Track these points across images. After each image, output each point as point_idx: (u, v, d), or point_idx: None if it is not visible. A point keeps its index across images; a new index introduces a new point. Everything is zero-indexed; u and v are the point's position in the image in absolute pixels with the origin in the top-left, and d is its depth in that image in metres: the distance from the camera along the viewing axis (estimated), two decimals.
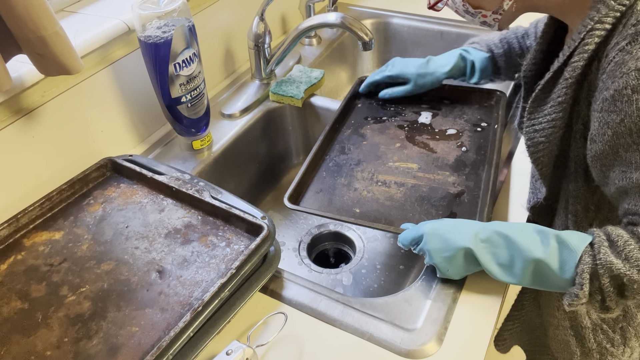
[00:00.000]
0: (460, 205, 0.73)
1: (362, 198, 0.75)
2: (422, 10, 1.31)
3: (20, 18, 0.59)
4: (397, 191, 0.76)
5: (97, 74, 0.79)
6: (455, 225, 0.61)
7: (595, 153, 0.56)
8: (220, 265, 0.61)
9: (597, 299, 0.53)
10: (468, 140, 0.85)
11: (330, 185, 0.78)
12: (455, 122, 0.89)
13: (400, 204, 0.74)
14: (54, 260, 0.63)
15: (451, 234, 0.60)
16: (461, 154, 0.82)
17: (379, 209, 0.73)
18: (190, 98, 0.80)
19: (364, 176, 0.79)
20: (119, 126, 0.86)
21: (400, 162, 0.81)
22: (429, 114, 0.92)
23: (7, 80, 0.63)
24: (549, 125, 0.61)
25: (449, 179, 0.77)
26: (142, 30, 0.73)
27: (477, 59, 0.88)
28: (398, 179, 0.78)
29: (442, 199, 0.74)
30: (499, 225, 0.59)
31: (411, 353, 0.57)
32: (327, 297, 0.64)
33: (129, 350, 0.53)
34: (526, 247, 0.55)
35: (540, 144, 0.63)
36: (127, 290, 0.59)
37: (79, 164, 0.79)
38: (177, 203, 0.70)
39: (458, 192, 0.75)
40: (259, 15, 0.96)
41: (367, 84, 0.96)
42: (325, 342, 0.59)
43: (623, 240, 0.52)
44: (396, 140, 0.86)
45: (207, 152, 0.89)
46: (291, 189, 0.74)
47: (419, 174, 0.79)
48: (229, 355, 0.54)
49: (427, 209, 0.73)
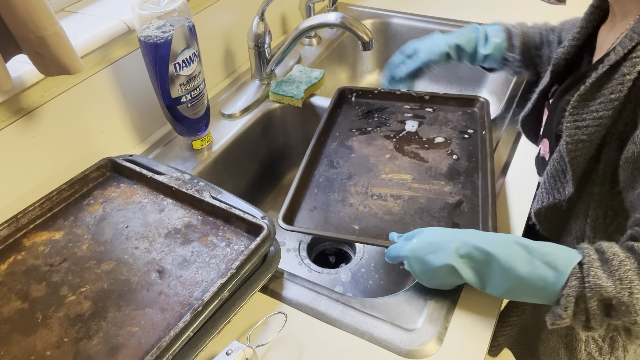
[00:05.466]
0: (461, 215, 0.71)
1: (359, 214, 0.73)
2: (422, 10, 1.31)
3: (20, 18, 0.59)
4: (394, 204, 0.74)
5: (97, 74, 0.79)
6: (434, 243, 0.58)
7: (632, 155, 0.53)
8: (220, 265, 0.61)
9: (581, 319, 0.51)
10: (457, 148, 0.84)
11: (323, 202, 0.75)
12: (441, 130, 0.88)
13: (400, 217, 0.72)
14: (54, 260, 0.63)
15: (430, 255, 0.58)
16: (453, 162, 0.81)
17: (378, 224, 0.71)
18: (190, 98, 0.80)
19: (358, 190, 0.76)
20: (119, 126, 0.86)
21: (393, 173, 0.79)
22: (414, 122, 0.90)
23: (7, 80, 0.63)
24: (594, 123, 0.57)
25: (445, 188, 0.76)
26: (142, 30, 0.73)
27: (490, 30, 0.85)
28: (393, 191, 0.76)
29: (442, 210, 0.72)
30: (480, 239, 0.56)
31: (411, 353, 0.57)
32: (327, 297, 0.64)
33: (129, 350, 0.53)
34: (508, 264, 0.53)
35: (580, 142, 0.59)
36: (127, 290, 0.59)
37: (79, 164, 0.79)
38: (177, 203, 0.70)
39: (457, 201, 0.74)
40: (258, 15, 0.96)
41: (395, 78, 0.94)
42: (325, 342, 0.59)
43: (618, 259, 0.49)
44: (385, 151, 0.84)
45: (207, 152, 0.89)
46: (284, 209, 0.71)
47: (414, 185, 0.77)
48: (229, 355, 0.54)
49: (428, 221, 0.71)
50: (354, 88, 0.97)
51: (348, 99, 0.97)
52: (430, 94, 0.94)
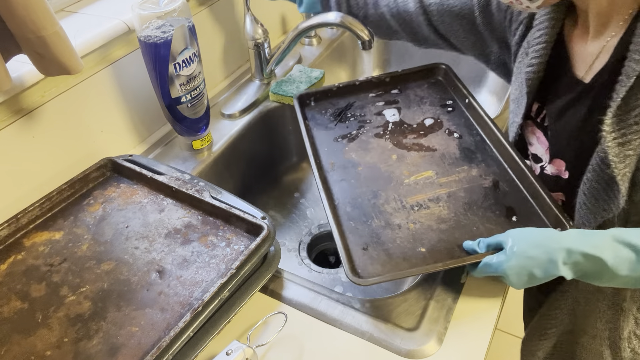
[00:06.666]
0: (507, 197, 0.68)
1: (414, 233, 0.65)
2: None
3: (20, 18, 0.59)
4: (440, 209, 0.68)
5: (97, 74, 0.79)
6: (536, 258, 0.55)
7: None
8: (220, 265, 0.61)
9: None
10: (452, 125, 0.81)
11: (370, 234, 0.66)
12: (423, 110, 0.84)
13: (455, 221, 0.66)
14: (54, 260, 0.63)
15: (536, 269, 0.55)
16: (459, 142, 0.78)
17: (441, 237, 0.64)
18: (190, 98, 0.80)
19: (394, 207, 0.69)
20: (119, 126, 0.86)
21: (414, 175, 0.73)
22: (393, 110, 0.85)
23: (7, 80, 0.63)
24: (637, 136, 0.56)
25: (472, 172, 0.72)
26: (142, 30, 0.73)
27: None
28: (428, 194, 0.70)
29: (486, 198, 0.68)
30: (585, 244, 0.54)
31: (411, 353, 0.57)
32: (327, 297, 0.64)
33: (129, 350, 0.53)
34: (617, 269, 0.53)
35: (627, 158, 0.57)
36: (127, 290, 0.59)
37: (79, 164, 0.79)
38: (177, 203, 0.70)
39: (492, 183, 0.70)
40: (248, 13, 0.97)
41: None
42: (325, 342, 0.59)
43: None
44: (388, 153, 0.78)
45: (207, 152, 0.89)
46: (346, 265, 0.61)
47: (442, 180, 0.72)
48: (229, 355, 0.54)
49: (483, 213, 0.66)
50: (310, 92, 0.90)
51: (309, 105, 0.90)
52: (389, 75, 0.90)
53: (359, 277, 0.60)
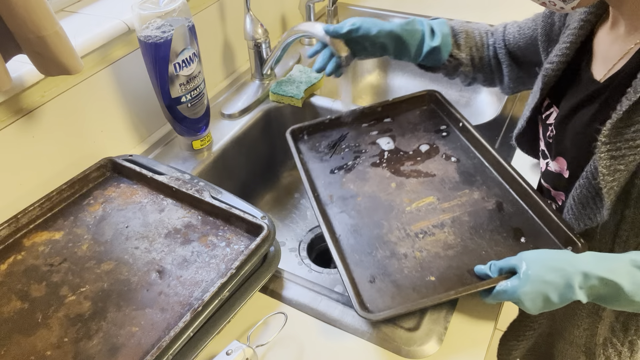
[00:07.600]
0: (513, 218, 0.67)
1: (422, 261, 0.64)
2: (422, 10, 1.31)
3: (20, 18, 0.59)
4: (445, 234, 0.66)
5: (97, 74, 0.79)
6: (552, 282, 0.54)
7: None
8: (220, 265, 0.61)
9: None
10: (448, 149, 0.80)
11: (375, 266, 0.64)
12: (417, 137, 0.83)
13: (462, 246, 0.65)
14: (54, 260, 0.63)
15: (552, 294, 0.53)
16: (458, 166, 0.77)
17: (450, 264, 0.63)
18: (190, 98, 0.80)
19: (398, 236, 0.67)
20: (119, 126, 0.86)
21: (415, 202, 0.72)
22: (387, 139, 0.84)
23: (7, 80, 0.63)
24: (630, 152, 0.54)
25: (474, 195, 0.71)
26: (141, 30, 0.73)
27: (434, 22, 0.78)
28: (432, 221, 0.69)
29: (491, 220, 0.67)
30: (601, 268, 0.52)
31: (411, 353, 0.57)
32: (327, 297, 0.64)
33: (129, 350, 0.53)
34: (633, 295, 0.51)
35: (617, 172, 0.56)
36: (127, 290, 0.59)
37: (79, 164, 0.79)
38: (177, 203, 0.70)
39: (496, 204, 0.69)
40: (248, 13, 0.97)
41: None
42: (325, 342, 0.59)
43: None
44: (387, 181, 0.76)
45: (207, 152, 0.89)
46: (354, 300, 0.59)
47: (444, 205, 0.70)
48: (229, 355, 0.54)
49: (490, 236, 0.65)
50: (302, 126, 0.88)
51: (302, 139, 0.88)
52: (380, 104, 0.89)
53: (368, 311, 0.58)
